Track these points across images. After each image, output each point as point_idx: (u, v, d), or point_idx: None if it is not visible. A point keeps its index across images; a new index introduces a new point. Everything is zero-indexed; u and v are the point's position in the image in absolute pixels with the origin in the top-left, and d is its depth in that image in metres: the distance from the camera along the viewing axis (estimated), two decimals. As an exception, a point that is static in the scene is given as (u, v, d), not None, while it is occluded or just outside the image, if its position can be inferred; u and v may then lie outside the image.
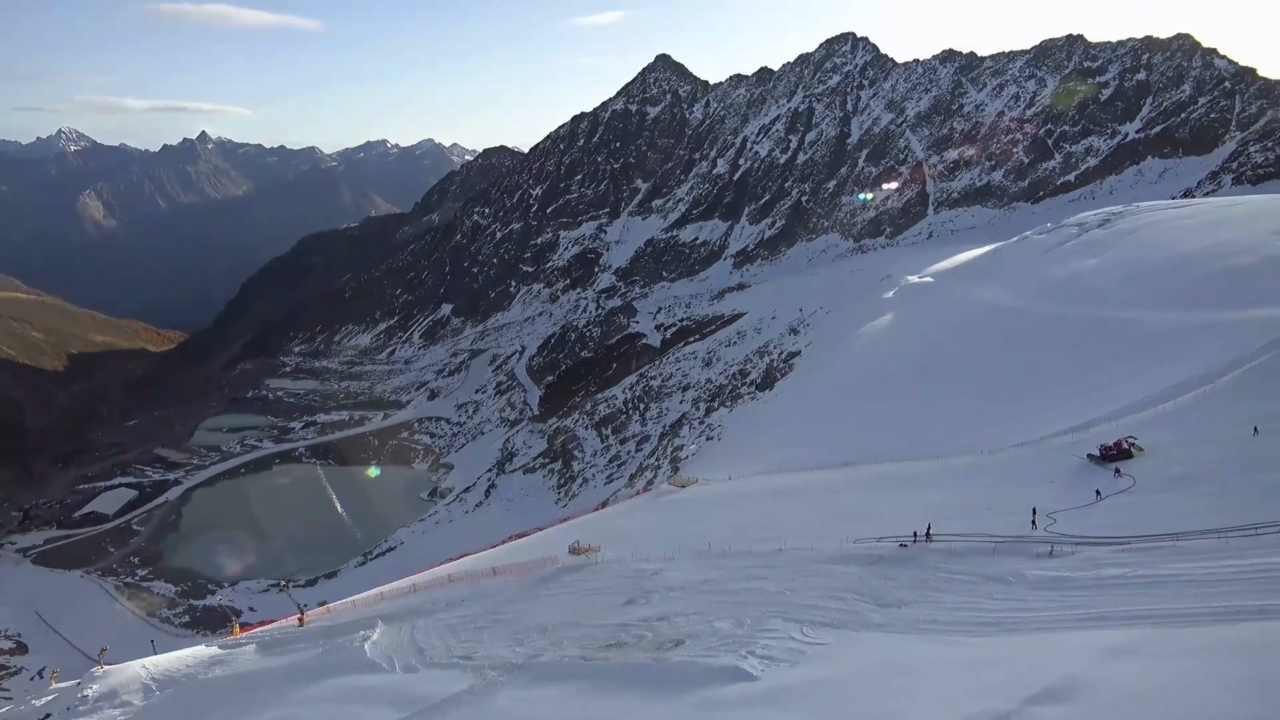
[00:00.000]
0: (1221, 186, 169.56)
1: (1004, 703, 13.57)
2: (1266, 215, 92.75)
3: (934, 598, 26.33)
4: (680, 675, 21.31)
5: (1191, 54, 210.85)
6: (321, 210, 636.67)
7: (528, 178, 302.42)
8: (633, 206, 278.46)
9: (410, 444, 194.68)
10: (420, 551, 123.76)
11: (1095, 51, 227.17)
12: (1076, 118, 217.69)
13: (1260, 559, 23.20)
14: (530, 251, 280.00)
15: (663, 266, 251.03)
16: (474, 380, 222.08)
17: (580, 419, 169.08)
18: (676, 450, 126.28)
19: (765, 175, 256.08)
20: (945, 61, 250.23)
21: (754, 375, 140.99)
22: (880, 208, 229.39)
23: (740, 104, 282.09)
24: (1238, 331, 61.93)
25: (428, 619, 35.38)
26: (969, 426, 68.45)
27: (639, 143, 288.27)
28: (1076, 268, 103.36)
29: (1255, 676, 13.36)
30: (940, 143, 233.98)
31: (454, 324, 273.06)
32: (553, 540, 54.99)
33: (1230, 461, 39.49)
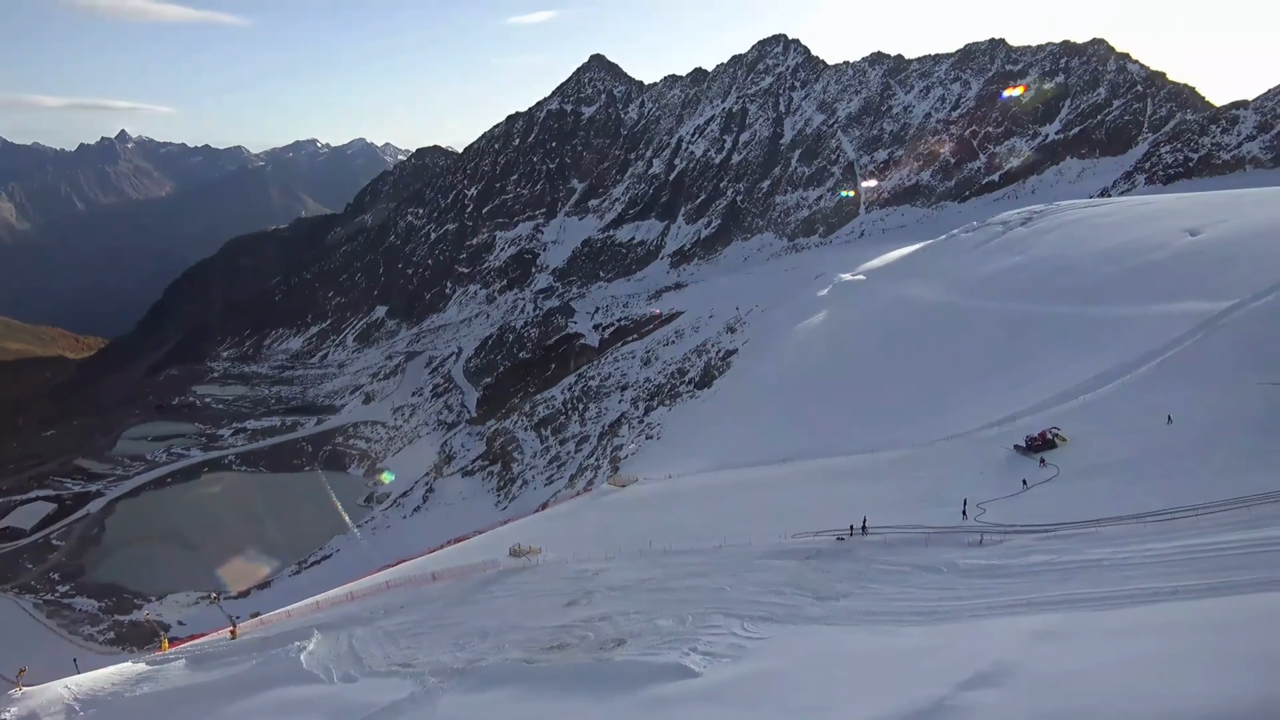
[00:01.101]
0: (1135, 186, 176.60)
1: (938, 689, 13.90)
2: (1177, 214, 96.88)
3: (870, 589, 26.86)
4: (623, 674, 21.33)
5: (1106, 58, 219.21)
6: (249, 211, 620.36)
7: (462, 178, 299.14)
8: (569, 207, 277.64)
9: (345, 449, 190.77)
10: (357, 558, 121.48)
11: (1016, 55, 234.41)
12: (999, 119, 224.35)
13: (1175, 542, 24.27)
14: (466, 252, 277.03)
15: (600, 266, 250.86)
16: (410, 383, 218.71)
17: (519, 420, 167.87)
18: (616, 450, 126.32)
19: (701, 175, 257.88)
20: (874, 64, 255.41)
21: (692, 374, 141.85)
22: (814, 207, 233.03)
23: (675, 104, 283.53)
24: (1153, 325, 64.54)
25: (366, 627, 34.73)
26: (902, 420, 70.05)
27: (574, 143, 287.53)
28: (1002, 264, 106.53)
29: (1173, 653, 13.94)
30: (871, 143, 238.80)
31: (389, 326, 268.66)
32: (493, 543, 54.51)
33: (1146, 450, 41.22)
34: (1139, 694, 11.64)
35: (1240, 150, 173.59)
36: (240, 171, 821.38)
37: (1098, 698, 12.02)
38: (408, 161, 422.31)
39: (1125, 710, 11.08)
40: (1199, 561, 21.28)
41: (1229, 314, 57.22)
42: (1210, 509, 27.97)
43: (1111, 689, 12.36)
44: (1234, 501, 27.92)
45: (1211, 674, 11.82)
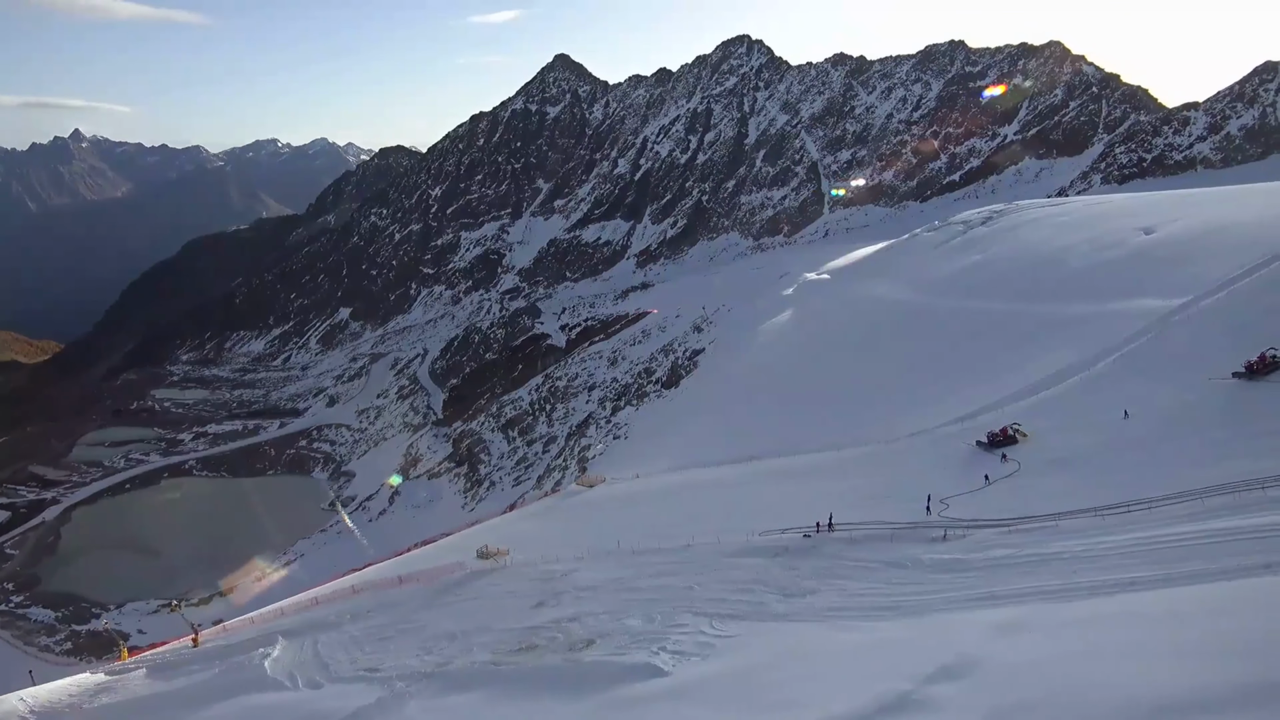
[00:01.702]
0: (1091, 185, 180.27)
1: (904, 683, 14.10)
2: (1132, 213, 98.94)
3: (837, 585, 27.12)
4: (593, 675, 21.34)
5: (1062, 60, 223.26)
6: (208, 212, 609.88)
7: (427, 178, 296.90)
8: (535, 207, 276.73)
9: (309, 452, 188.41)
10: (322, 563, 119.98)
11: (975, 57, 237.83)
12: (960, 120, 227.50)
13: (1131, 535, 24.83)
14: (431, 253, 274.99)
15: (566, 267, 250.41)
16: (375, 385, 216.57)
17: (486, 422, 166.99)
18: (584, 450, 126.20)
19: (666, 175, 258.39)
20: (837, 65, 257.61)
21: (659, 373, 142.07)
22: (778, 207, 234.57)
23: (640, 104, 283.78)
24: (1109, 321, 65.81)
25: (331, 632, 34.37)
26: (866, 417, 70.71)
27: (540, 143, 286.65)
28: (963, 263, 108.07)
29: (1129, 643, 14.27)
30: (834, 143, 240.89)
31: (353, 328, 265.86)
32: (460, 545, 54.16)
33: (1104, 444, 42.07)
34: (1097, 683, 11.91)
35: (1191, 151, 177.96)
36: (199, 171, 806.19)
37: (1057, 688, 12.27)
38: (371, 161, 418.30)
39: (1083, 700, 11.32)
40: (1154, 553, 21.79)
41: (1182, 311, 58.56)
42: (1165, 501, 28.67)
43: (1070, 679, 12.62)
44: (1187, 494, 28.60)
45: (1166, 663, 12.12)
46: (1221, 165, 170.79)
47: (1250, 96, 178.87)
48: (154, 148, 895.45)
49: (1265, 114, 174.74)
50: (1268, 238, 64.82)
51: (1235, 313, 52.94)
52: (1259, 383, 41.27)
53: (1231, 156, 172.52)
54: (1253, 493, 27.30)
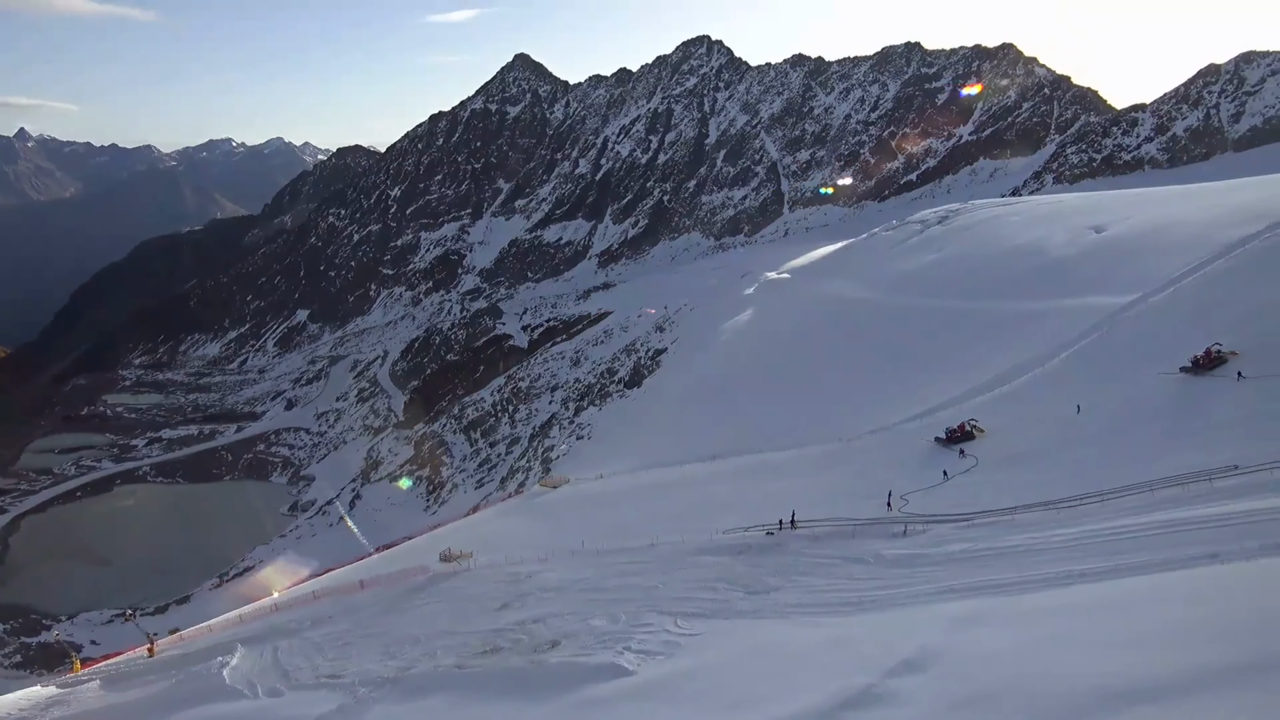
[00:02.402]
0: (1044, 185, 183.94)
1: (866, 677, 14.28)
2: (1083, 212, 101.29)
3: (800, 581, 27.38)
4: (557, 676, 21.32)
5: (1015, 62, 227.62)
6: (161, 213, 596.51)
7: (385, 178, 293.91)
8: (495, 207, 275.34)
9: (267, 457, 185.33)
10: (281, 569, 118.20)
11: (931, 58, 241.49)
12: (916, 121, 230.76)
13: (1084, 527, 25.43)
14: (390, 254, 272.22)
15: (527, 267, 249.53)
16: (334, 388, 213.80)
17: (448, 423, 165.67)
18: (547, 451, 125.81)
19: (627, 175, 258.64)
20: (795, 66, 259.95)
21: (622, 373, 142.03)
22: (739, 207, 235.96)
23: (600, 104, 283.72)
24: (1062, 318, 67.34)
25: (292, 639, 33.91)
26: (827, 415, 71.50)
27: (500, 142, 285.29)
28: (920, 262, 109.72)
29: (1082, 633, 14.63)
30: (793, 144, 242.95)
31: (311, 330, 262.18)
32: (423, 549, 53.74)
33: (1058, 438, 43.04)
34: (1052, 673, 12.21)
35: (1140, 151, 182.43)
36: (150, 171, 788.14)
37: (1015, 678, 12.55)
38: (328, 161, 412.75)
39: (1039, 689, 11.59)
40: (1106, 544, 22.34)
41: (1132, 307, 60.06)
42: (1116, 494, 29.39)
43: (1027, 669, 12.92)
44: (1138, 487, 29.37)
45: (1116, 651, 12.47)
46: (1168, 165, 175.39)
47: (1195, 99, 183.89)
48: (103, 147, 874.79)
49: (1209, 115, 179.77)
50: (1212, 236, 66.75)
51: (1182, 309, 54.44)
52: (1205, 377, 42.47)
53: (1177, 157, 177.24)
54: (1200, 485, 28.12)
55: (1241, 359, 42.21)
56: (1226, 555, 17.70)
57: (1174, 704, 9.25)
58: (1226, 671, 9.67)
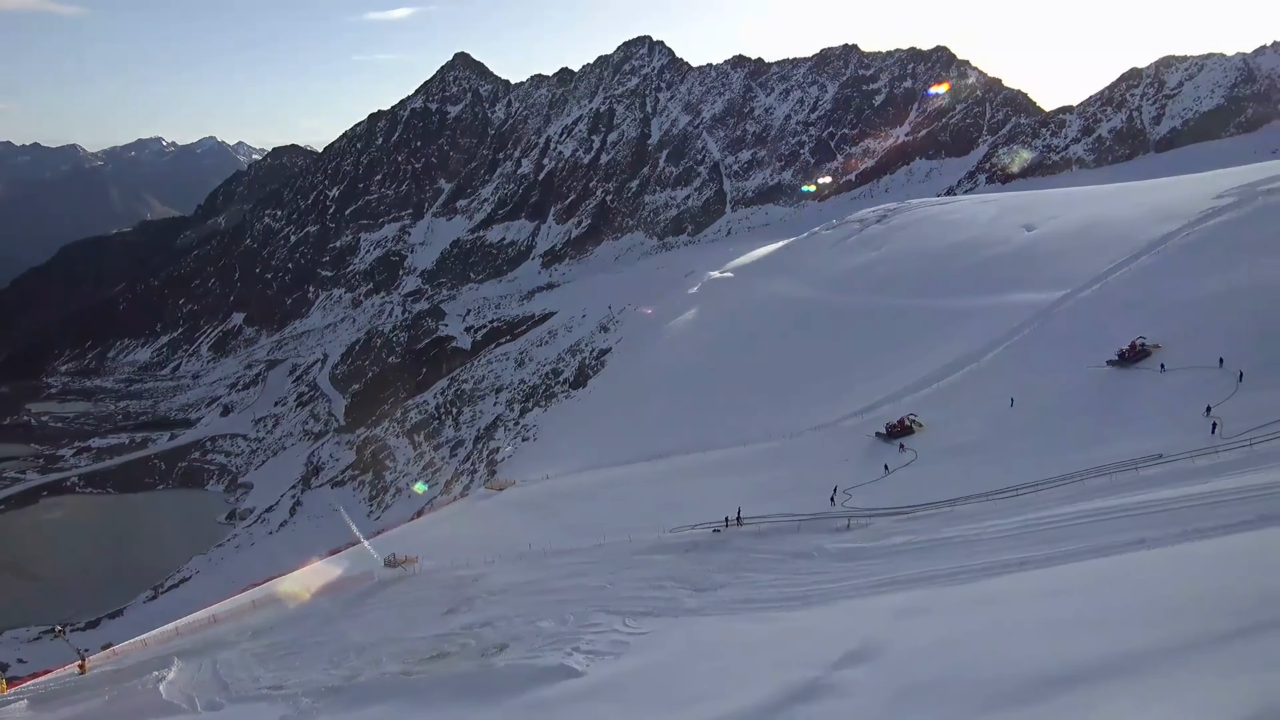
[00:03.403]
0: (977, 185, 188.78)
1: (812, 670, 14.43)
2: (1015, 211, 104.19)
3: (746, 578, 27.63)
4: (506, 680, 21.16)
5: (949, 65, 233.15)
6: (87, 214, 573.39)
7: (323, 178, 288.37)
8: (437, 207, 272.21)
9: (203, 464, 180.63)
10: (219, 579, 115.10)
11: (868, 60, 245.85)
12: (854, 121, 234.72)
13: (1019, 517, 26.17)
14: (329, 255, 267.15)
15: (470, 268, 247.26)
16: (272, 393, 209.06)
17: (390, 427, 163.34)
18: (492, 453, 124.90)
19: (570, 175, 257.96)
20: (736, 67, 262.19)
21: (567, 374, 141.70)
22: (682, 206, 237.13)
23: (542, 104, 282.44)
24: (996, 314, 69.12)
25: (231, 650, 33.04)
26: (771, 412, 72.28)
27: (441, 142, 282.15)
28: (860, 260, 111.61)
29: (1018, 620, 15.05)
30: (735, 144, 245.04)
31: (247, 334, 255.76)
32: (366, 554, 52.88)
33: (993, 432, 44.25)
34: (991, 660, 12.53)
35: (1067, 152, 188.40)
36: (75, 171, 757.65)
37: (956, 666, 12.84)
38: (263, 161, 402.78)
39: (979, 676, 11.87)
40: (1040, 533, 23.04)
41: (1061, 303, 62.01)
42: (1048, 485, 30.34)
43: (968, 657, 13.22)
44: (1069, 477, 30.37)
45: (1051, 637, 12.86)
46: (1094, 165, 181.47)
47: (1119, 101, 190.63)
48: (25, 146, 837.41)
49: (1132, 117, 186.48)
50: (1135, 234, 69.23)
51: (1108, 304, 56.40)
52: (1130, 370, 44.09)
53: (1103, 157, 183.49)
54: (1127, 473, 29.21)
55: (1163, 351, 43.92)
56: (1153, 541, 18.41)
57: (1107, 685, 9.59)
58: (1154, 652, 10.05)
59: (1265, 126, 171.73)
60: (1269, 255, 50.63)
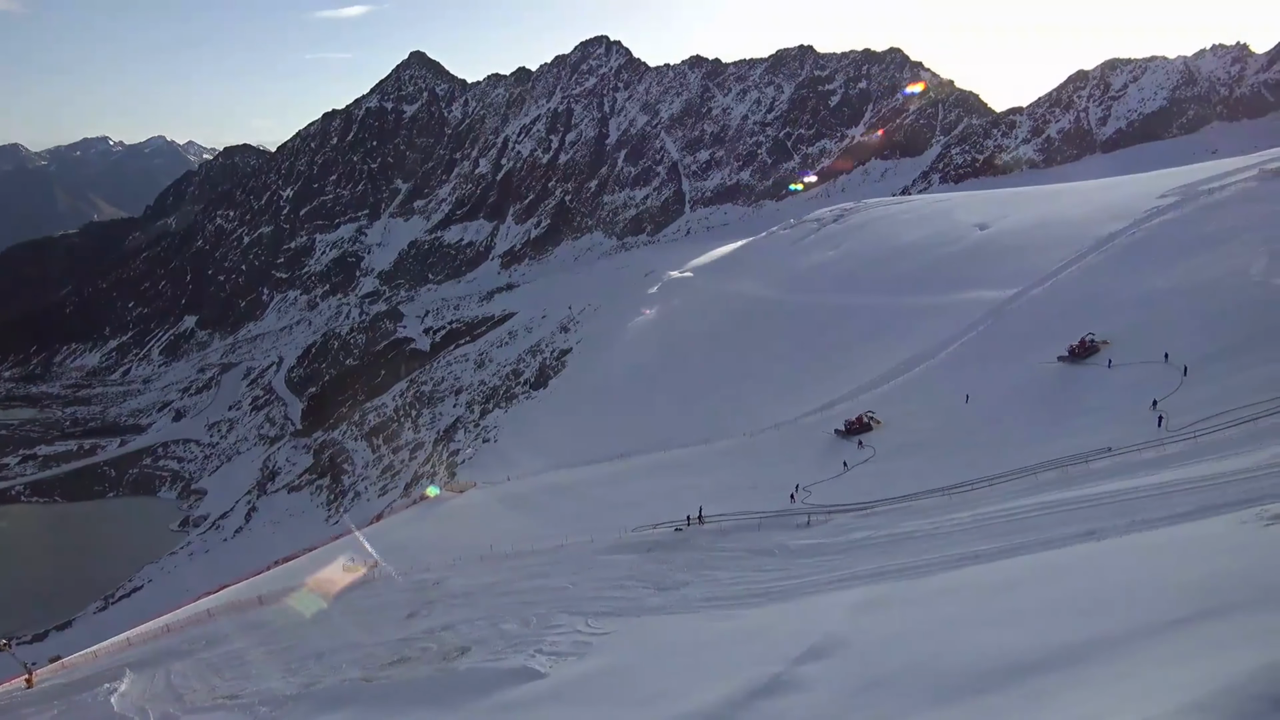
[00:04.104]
0: (931, 185, 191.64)
1: (774, 666, 14.55)
2: (968, 210, 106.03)
3: (709, 576, 27.77)
4: (468, 683, 21.02)
5: (903, 66, 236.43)
6: (31, 216, 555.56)
7: (277, 178, 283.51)
8: (394, 208, 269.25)
9: (154, 471, 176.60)
10: (173, 588, 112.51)
11: (824, 61, 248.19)
12: (810, 122, 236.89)
13: (974, 511, 26.68)
14: (284, 256, 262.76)
15: (428, 269, 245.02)
16: (226, 397, 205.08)
17: (348, 430, 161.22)
18: (452, 455, 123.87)
19: (528, 175, 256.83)
20: (693, 67, 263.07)
21: (527, 375, 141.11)
22: (641, 206, 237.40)
23: (500, 103, 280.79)
24: (951, 312, 70.31)
25: (186, 660, 32.38)
26: (732, 411, 72.78)
27: (397, 142, 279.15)
28: (818, 259, 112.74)
29: (973, 612, 15.34)
30: (693, 144, 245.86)
31: (200, 337, 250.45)
32: (325, 559, 52.16)
33: (949, 427, 45.04)
34: (949, 652, 12.75)
35: (1018, 152, 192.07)
36: (18, 172, 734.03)
37: (915, 659, 13.05)
38: (215, 161, 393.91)
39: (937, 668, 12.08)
40: (994, 527, 23.50)
41: (1014, 301, 63.30)
42: (1003, 479, 30.95)
43: (926, 650, 13.45)
44: (1022, 471, 31.01)
45: (1005, 628, 13.13)
46: (1044, 165, 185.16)
47: (1066, 102, 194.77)
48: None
49: (1079, 118, 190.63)
50: (1083, 233, 70.88)
51: (1058, 301, 57.73)
52: (1080, 365, 45.16)
53: (1052, 157, 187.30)
54: (1078, 466, 29.90)
55: (1112, 347, 45.05)
56: (1102, 532, 18.88)
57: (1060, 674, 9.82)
58: (1105, 640, 10.32)
59: (1205, 128, 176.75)
60: (1210, 253, 52.21)
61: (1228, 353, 38.65)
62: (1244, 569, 12.25)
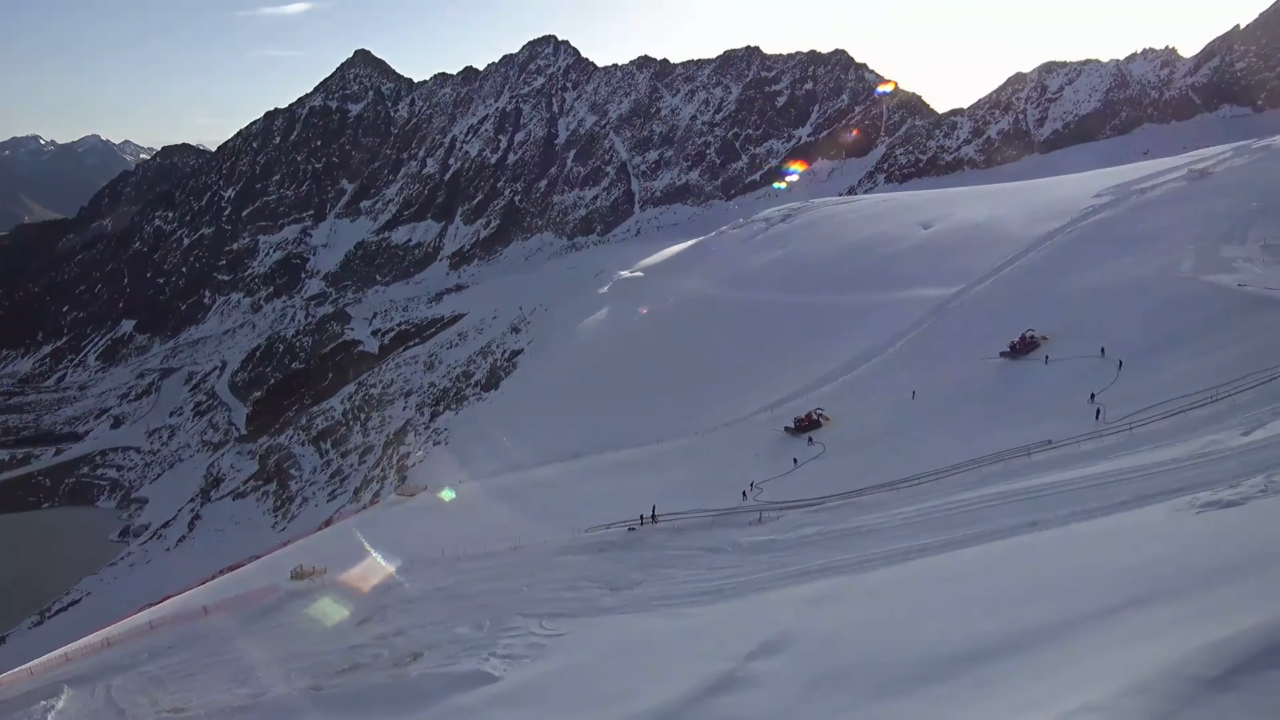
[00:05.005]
0: (877, 185, 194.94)
1: (728, 662, 14.66)
2: (912, 209, 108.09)
3: (662, 575, 27.84)
4: (421, 689, 20.79)
5: (847, 68, 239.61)
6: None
7: (218, 179, 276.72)
8: (339, 208, 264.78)
9: (92, 480, 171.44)
10: (113, 601, 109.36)
11: (770, 63, 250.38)
12: (758, 122, 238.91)
13: (922, 504, 27.18)
14: (226, 258, 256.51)
15: (376, 270, 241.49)
16: (167, 403, 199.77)
17: (295, 435, 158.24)
18: (403, 459, 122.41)
19: (477, 175, 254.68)
20: (641, 67, 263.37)
21: (478, 376, 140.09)
22: (590, 206, 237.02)
23: (447, 103, 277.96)
24: (897, 310, 71.56)
25: (127, 674, 31.43)
26: (684, 409, 73.04)
27: (342, 141, 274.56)
28: (767, 259, 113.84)
29: (924, 604, 15.64)
30: (642, 144, 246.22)
31: (138, 342, 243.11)
32: (272, 567, 51.08)
33: (896, 423, 45.82)
34: (897, 643, 12.98)
35: (959, 153, 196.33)
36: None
37: (865, 652, 13.26)
38: (152, 161, 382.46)
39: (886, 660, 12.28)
40: (941, 520, 23.97)
41: (957, 298, 64.63)
42: (948, 472, 31.59)
43: (876, 642, 13.68)
44: (967, 464, 31.67)
45: (952, 619, 13.41)
46: (985, 165, 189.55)
47: (1005, 104, 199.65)
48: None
49: (1018, 120, 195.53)
50: (1024, 231, 72.80)
51: (1000, 298, 59.14)
52: (1021, 360, 46.31)
53: (992, 158, 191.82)
54: (1020, 459, 30.65)
55: (1051, 342, 46.28)
56: (1044, 522, 19.41)
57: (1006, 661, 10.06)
58: (1048, 627, 10.60)
59: (1137, 129, 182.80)
60: (1143, 250, 53.98)
61: (1160, 347, 39.98)
62: (1178, 555, 12.69)
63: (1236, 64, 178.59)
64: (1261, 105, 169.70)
